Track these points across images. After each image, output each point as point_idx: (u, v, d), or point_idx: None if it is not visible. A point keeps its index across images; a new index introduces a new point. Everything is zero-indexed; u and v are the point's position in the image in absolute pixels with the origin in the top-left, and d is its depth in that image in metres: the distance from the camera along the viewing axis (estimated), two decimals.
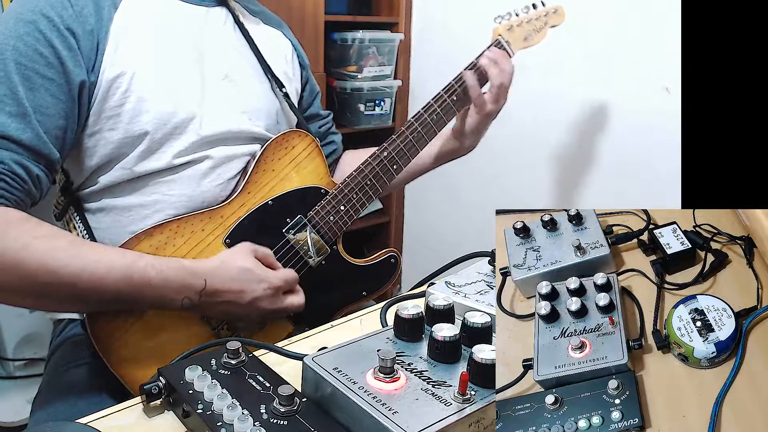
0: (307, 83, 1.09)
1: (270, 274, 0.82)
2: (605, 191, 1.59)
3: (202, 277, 0.76)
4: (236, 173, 0.90)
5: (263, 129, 0.93)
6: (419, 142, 0.97)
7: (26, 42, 0.73)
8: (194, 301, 0.76)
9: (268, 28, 1.03)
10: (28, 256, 0.68)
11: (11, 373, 1.74)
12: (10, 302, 0.72)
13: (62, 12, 0.75)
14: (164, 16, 0.86)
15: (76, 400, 0.79)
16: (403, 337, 0.61)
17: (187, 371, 0.59)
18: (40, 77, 0.74)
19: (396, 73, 2.04)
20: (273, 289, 0.81)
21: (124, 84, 0.79)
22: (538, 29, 1.07)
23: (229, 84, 0.90)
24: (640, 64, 1.44)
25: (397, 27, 2.01)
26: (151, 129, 0.81)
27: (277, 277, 0.82)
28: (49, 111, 0.74)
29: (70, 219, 0.87)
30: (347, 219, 0.92)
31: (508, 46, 1.04)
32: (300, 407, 0.54)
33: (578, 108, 1.59)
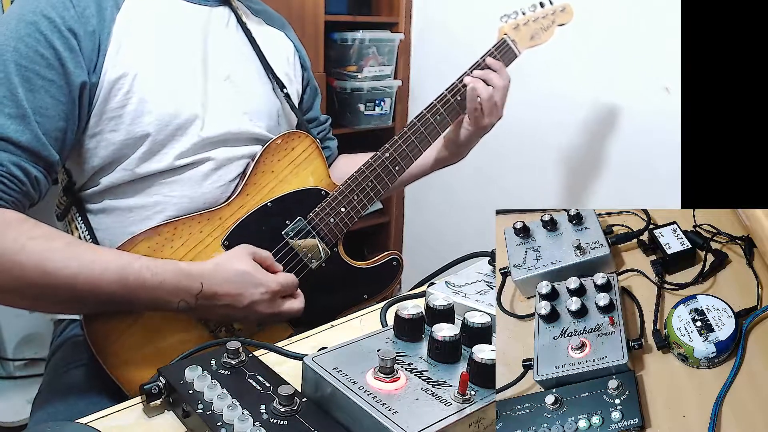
0: (308, 85, 1.09)
1: (269, 278, 0.81)
2: (605, 191, 1.59)
3: (199, 280, 0.76)
4: (237, 174, 0.90)
5: (264, 130, 0.93)
6: (422, 143, 0.97)
7: (27, 43, 0.73)
8: (190, 303, 0.76)
9: (271, 28, 1.03)
10: (25, 257, 0.68)
11: (11, 373, 1.74)
12: (8, 303, 0.72)
13: (64, 13, 0.75)
14: (167, 16, 0.86)
15: (76, 401, 0.79)
16: (403, 337, 0.61)
17: (187, 371, 0.59)
18: (40, 78, 0.73)
19: (396, 73, 2.04)
20: (271, 293, 0.81)
21: (126, 85, 0.79)
22: (546, 28, 1.06)
23: (231, 85, 0.90)
24: (640, 64, 1.44)
25: (397, 27, 2.01)
26: (152, 130, 0.81)
27: (275, 282, 0.81)
28: (49, 113, 0.74)
29: (71, 219, 0.87)
30: (348, 221, 0.92)
31: (514, 45, 1.03)
32: (300, 407, 0.54)
33: (578, 108, 1.59)
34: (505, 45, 1.02)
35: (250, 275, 0.79)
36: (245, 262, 0.80)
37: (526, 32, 1.05)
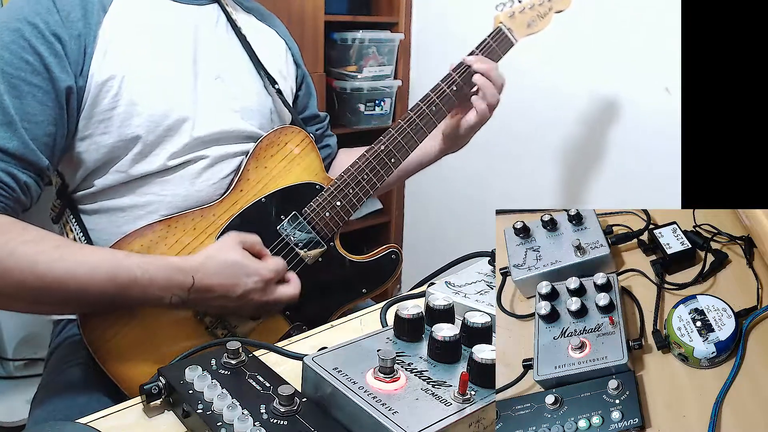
0: (303, 82, 1.08)
1: (259, 266, 0.81)
2: (605, 191, 1.59)
3: (190, 274, 0.76)
4: (231, 171, 0.89)
5: (257, 128, 0.93)
6: (418, 135, 0.96)
7: (11, 50, 0.73)
8: (183, 298, 0.76)
9: (262, 25, 1.02)
10: (15, 261, 0.68)
11: (11, 373, 1.74)
12: (4, 307, 0.72)
13: (48, 18, 0.75)
14: (155, 16, 0.85)
15: (75, 398, 0.79)
16: (403, 337, 0.61)
17: (187, 371, 0.59)
18: (26, 84, 0.74)
19: (396, 73, 2.04)
20: (264, 281, 0.80)
21: (115, 87, 0.79)
22: (542, 15, 1.05)
23: (222, 84, 0.90)
24: (640, 64, 1.44)
25: (397, 27, 2.01)
26: (143, 132, 0.81)
27: (266, 269, 0.81)
28: (37, 118, 0.74)
29: (66, 222, 0.87)
30: (344, 215, 0.91)
31: (510, 33, 1.02)
32: (300, 407, 0.54)
33: (578, 109, 1.59)
34: (501, 33, 1.01)
35: (241, 264, 0.79)
36: (235, 252, 0.79)
37: (522, 20, 1.03)
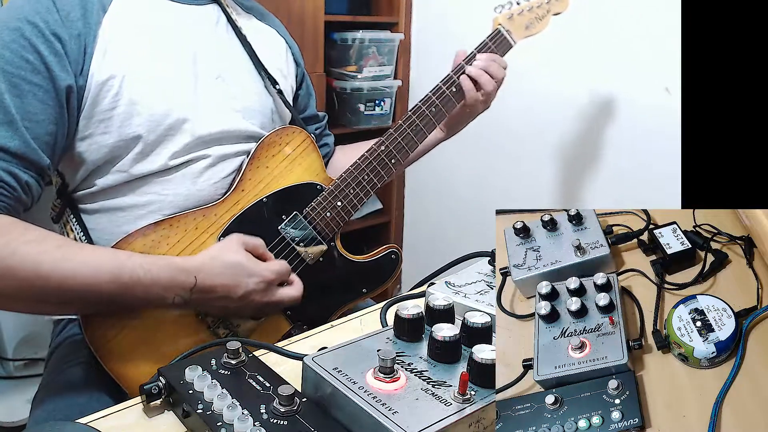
0: (303, 82, 1.09)
1: (261, 267, 0.81)
2: (605, 191, 1.59)
3: (192, 274, 0.76)
4: (232, 171, 0.89)
5: (258, 127, 0.93)
6: (418, 136, 0.96)
7: (12, 49, 0.73)
8: (185, 298, 0.76)
9: (262, 25, 1.02)
10: (18, 262, 0.68)
11: (11, 373, 1.74)
12: (5, 308, 0.72)
13: (48, 17, 0.75)
14: (155, 16, 0.85)
15: (76, 398, 0.79)
16: (403, 337, 0.61)
17: (187, 371, 0.59)
18: (27, 84, 0.74)
19: (396, 73, 2.04)
20: (265, 282, 0.80)
21: (115, 87, 0.79)
22: (541, 17, 1.06)
23: (223, 83, 0.90)
24: (640, 64, 1.44)
25: (397, 27, 2.01)
26: (143, 132, 0.81)
27: (268, 270, 0.81)
28: (38, 117, 0.74)
29: (66, 221, 0.87)
30: (344, 215, 0.92)
31: (509, 35, 1.03)
32: (300, 407, 0.54)
33: (579, 109, 1.59)
34: (500, 35, 1.02)
35: (243, 266, 0.79)
36: (237, 253, 0.80)
37: (520, 22, 1.04)
